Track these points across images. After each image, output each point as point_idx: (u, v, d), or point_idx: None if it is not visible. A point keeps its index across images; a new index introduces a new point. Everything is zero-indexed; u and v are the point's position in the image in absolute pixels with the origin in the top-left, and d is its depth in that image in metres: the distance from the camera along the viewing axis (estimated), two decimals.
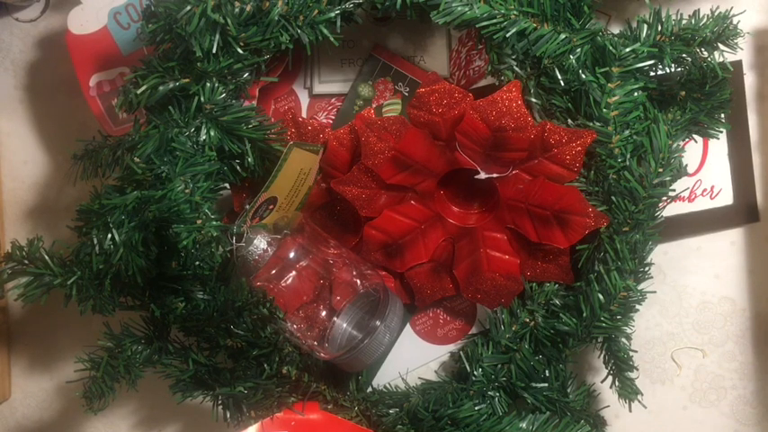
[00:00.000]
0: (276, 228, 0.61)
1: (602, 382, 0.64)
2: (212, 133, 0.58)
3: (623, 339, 0.61)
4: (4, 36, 0.71)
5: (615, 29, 0.64)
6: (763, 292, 0.71)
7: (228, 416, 0.62)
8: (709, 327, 0.71)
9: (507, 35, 0.55)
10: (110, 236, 0.54)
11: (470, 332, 0.70)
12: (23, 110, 0.73)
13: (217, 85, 0.57)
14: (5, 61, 0.72)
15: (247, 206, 0.61)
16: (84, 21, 0.63)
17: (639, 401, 0.62)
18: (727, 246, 0.71)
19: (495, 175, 0.60)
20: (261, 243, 0.58)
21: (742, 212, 0.70)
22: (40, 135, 0.73)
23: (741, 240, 0.71)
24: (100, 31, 0.64)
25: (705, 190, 0.69)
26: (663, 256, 0.69)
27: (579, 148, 0.58)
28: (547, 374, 0.63)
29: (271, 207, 0.61)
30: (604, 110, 0.57)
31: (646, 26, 0.57)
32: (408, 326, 0.70)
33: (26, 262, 0.56)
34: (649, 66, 0.57)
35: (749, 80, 0.69)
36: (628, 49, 0.56)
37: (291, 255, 0.60)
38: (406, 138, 0.59)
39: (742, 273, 0.71)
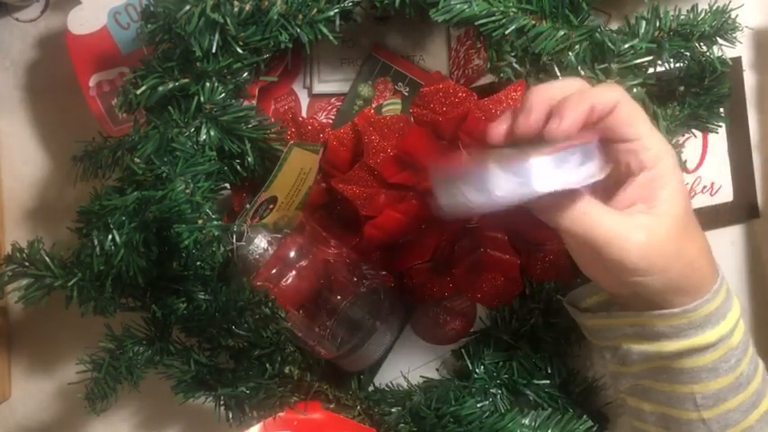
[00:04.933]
0: (276, 227, 0.61)
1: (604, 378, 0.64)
2: (212, 133, 0.58)
3: None
4: (4, 36, 0.71)
5: (615, 27, 0.65)
6: (763, 292, 0.71)
7: (231, 416, 0.62)
8: None
9: (506, 32, 0.55)
10: (110, 237, 0.54)
11: (470, 332, 0.70)
12: (23, 110, 0.72)
13: (216, 84, 0.57)
14: (5, 61, 0.72)
15: (248, 205, 0.61)
16: (83, 21, 0.63)
17: None
18: (727, 246, 0.71)
19: None
20: (261, 242, 0.58)
21: (742, 209, 0.70)
22: (40, 135, 0.73)
23: (741, 240, 0.71)
24: (100, 31, 0.64)
25: (705, 187, 0.69)
26: None
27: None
28: (549, 371, 0.63)
29: (271, 207, 0.61)
30: None
31: (644, 22, 0.57)
32: (408, 326, 0.70)
33: (26, 264, 0.56)
34: (648, 61, 0.57)
35: (749, 78, 0.69)
36: (626, 45, 0.56)
37: (292, 254, 0.60)
38: (409, 136, 0.59)
39: (742, 273, 0.71)
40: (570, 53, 0.57)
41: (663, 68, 0.58)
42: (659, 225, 0.46)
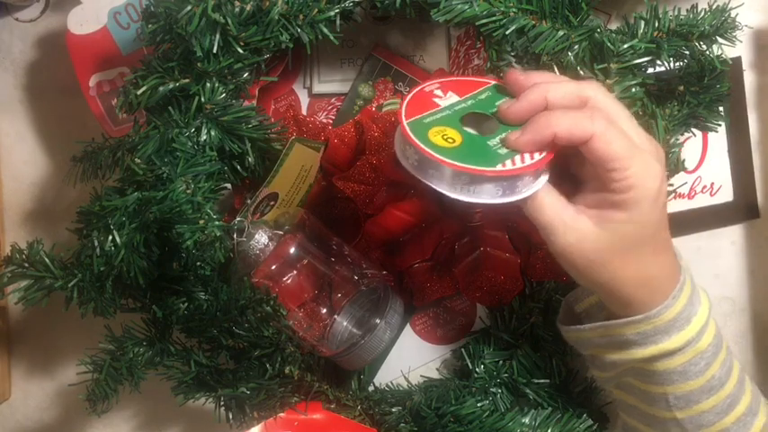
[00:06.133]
0: (277, 224, 0.61)
1: None
2: (213, 133, 0.58)
3: None
4: (4, 36, 0.71)
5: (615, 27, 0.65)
6: (763, 292, 0.71)
7: (231, 417, 0.62)
8: None
9: (507, 32, 0.55)
10: (111, 238, 0.54)
11: (470, 331, 0.70)
12: (23, 110, 0.72)
13: (217, 85, 0.57)
14: (5, 61, 0.72)
15: (248, 200, 0.61)
16: (83, 21, 0.63)
17: None
18: (727, 246, 0.71)
19: None
20: (262, 237, 0.58)
21: (742, 209, 0.70)
22: (40, 135, 0.73)
23: (741, 240, 0.71)
24: (100, 30, 0.64)
25: (705, 187, 0.69)
26: None
27: None
28: (549, 370, 0.63)
29: (272, 203, 0.61)
30: None
31: (643, 22, 0.57)
32: (408, 326, 0.70)
33: (26, 265, 0.56)
34: (647, 61, 0.57)
35: (749, 78, 0.69)
36: (625, 46, 0.56)
37: (292, 251, 0.60)
38: None
39: (742, 273, 0.71)
40: (570, 53, 0.57)
41: (662, 68, 0.58)
42: (595, 237, 0.48)
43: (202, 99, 0.57)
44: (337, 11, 0.57)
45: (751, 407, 0.53)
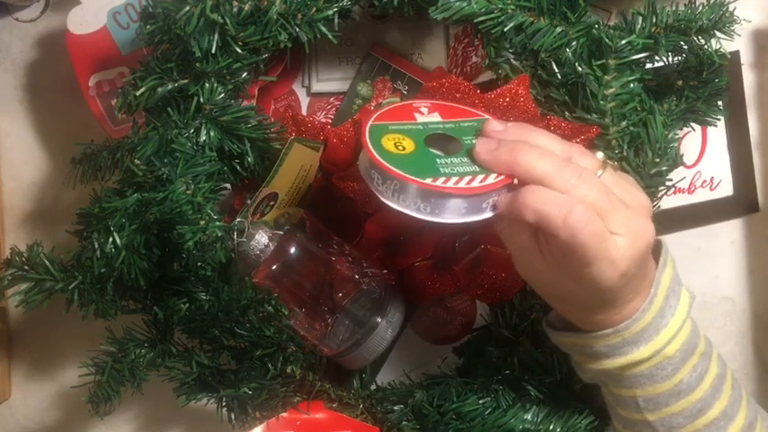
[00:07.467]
0: (277, 224, 0.61)
1: None
2: (212, 134, 0.58)
3: None
4: (4, 36, 0.71)
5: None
6: (763, 292, 0.71)
7: (233, 417, 0.62)
8: (708, 327, 0.70)
9: (505, 29, 0.56)
10: (111, 239, 0.54)
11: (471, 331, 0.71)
12: (23, 110, 0.72)
13: (216, 85, 0.57)
14: (5, 61, 0.72)
15: (248, 201, 0.61)
16: (83, 21, 0.63)
17: None
18: (727, 246, 0.71)
19: None
20: (262, 238, 0.58)
21: (742, 203, 0.70)
22: (40, 135, 0.73)
23: (741, 240, 0.71)
24: (99, 30, 0.64)
25: (705, 181, 0.70)
26: None
27: (583, 144, 0.58)
28: (550, 366, 0.63)
29: (272, 203, 0.61)
30: (601, 102, 0.57)
31: (640, 18, 0.57)
32: (409, 325, 0.70)
33: (26, 268, 0.56)
34: (645, 57, 0.57)
35: (749, 79, 0.69)
36: (623, 41, 0.56)
37: (292, 251, 0.60)
38: None
39: (742, 273, 0.71)
40: (568, 49, 0.57)
41: (661, 63, 0.58)
42: (549, 281, 0.50)
43: (201, 99, 0.57)
44: (335, 9, 0.57)
45: (726, 411, 0.53)
